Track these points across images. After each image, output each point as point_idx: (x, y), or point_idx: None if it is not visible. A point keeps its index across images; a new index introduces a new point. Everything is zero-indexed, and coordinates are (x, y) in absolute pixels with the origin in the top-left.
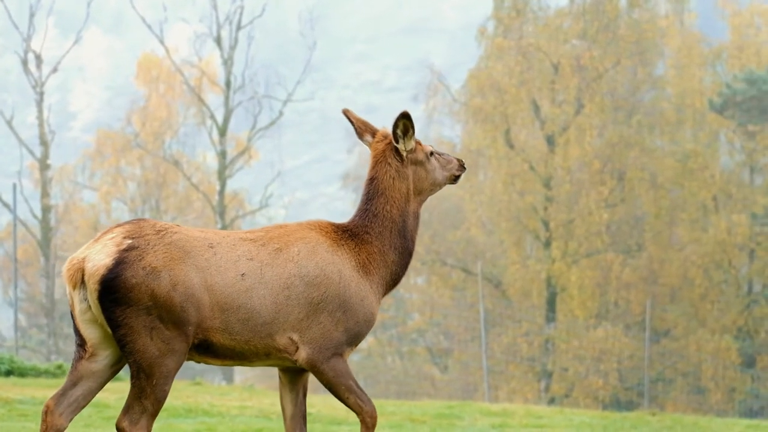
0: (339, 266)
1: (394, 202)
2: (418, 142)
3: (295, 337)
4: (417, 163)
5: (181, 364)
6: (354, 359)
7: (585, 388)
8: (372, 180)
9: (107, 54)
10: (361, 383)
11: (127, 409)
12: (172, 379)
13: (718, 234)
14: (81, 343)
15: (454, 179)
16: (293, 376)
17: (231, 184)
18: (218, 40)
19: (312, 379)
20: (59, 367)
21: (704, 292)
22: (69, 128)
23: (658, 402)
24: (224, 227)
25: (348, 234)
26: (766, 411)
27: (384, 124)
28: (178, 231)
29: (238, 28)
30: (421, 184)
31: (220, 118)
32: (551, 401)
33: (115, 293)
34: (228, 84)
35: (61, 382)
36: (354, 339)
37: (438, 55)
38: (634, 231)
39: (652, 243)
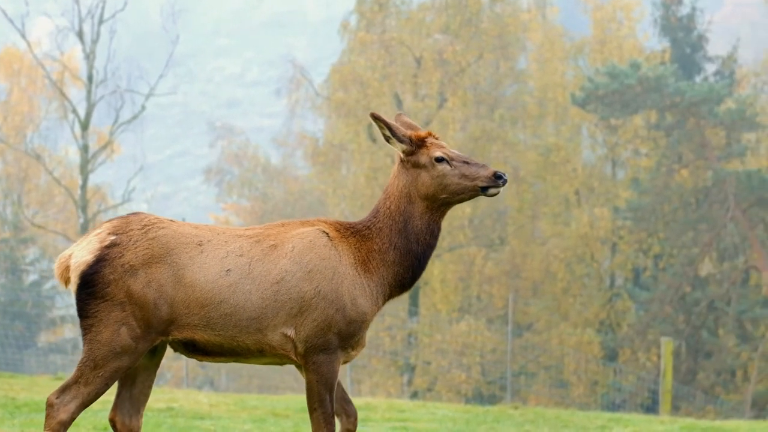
0: (334, 262)
1: (393, 199)
2: (427, 145)
3: (291, 333)
4: (418, 166)
5: (132, 366)
6: None
7: (448, 381)
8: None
9: None
10: (222, 377)
11: (63, 389)
12: (118, 377)
13: (580, 228)
14: None
15: (482, 190)
16: None
17: (93, 179)
18: (80, 34)
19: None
20: None
21: (566, 286)
22: None
23: (520, 396)
24: (86, 222)
25: (351, 231)
26: (628, 404)
27: (245, 117)
28: (165, 227)
29: (100, 21)
30: (425, 189)
31: (82, 113)
32: (414, 395)
33: (92, 287)
34: (90, 78)
35: None
36: (346, 340)
37: (300, 50)
38: (497, 225)
39: (515, 237)
